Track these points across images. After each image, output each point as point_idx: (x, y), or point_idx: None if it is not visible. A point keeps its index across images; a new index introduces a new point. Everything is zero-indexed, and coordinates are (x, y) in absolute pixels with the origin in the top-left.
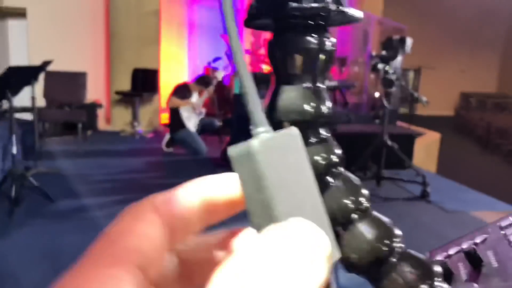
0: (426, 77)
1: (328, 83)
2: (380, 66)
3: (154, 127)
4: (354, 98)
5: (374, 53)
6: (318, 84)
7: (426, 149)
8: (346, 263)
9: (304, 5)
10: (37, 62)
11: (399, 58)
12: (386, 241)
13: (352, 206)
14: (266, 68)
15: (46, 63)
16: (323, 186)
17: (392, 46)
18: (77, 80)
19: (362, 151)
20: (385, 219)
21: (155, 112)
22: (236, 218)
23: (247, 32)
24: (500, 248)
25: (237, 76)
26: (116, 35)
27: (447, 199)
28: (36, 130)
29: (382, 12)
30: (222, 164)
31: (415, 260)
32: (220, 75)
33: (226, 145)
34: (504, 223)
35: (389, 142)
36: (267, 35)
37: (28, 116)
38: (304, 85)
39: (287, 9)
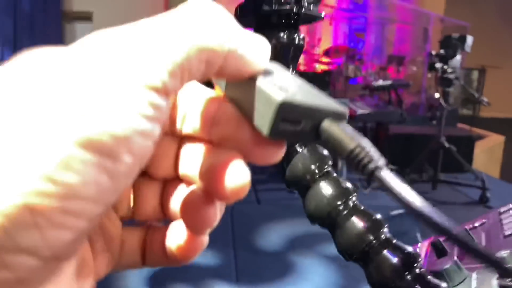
0: (491, 77)
1: (382, 82)
2: (438, 65)
3: None
4: (411, 98)
5: (433, 52)
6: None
7: (489, 152)
8: (309, 217)
9: (273, 8)
10: None
11: (458, 57)
12: (341, 198)
13: (315, 170)
14: (319, 67)
15: None
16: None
17: (451, 45)
18: None
19: (418, 153)
20: (343, 182)
21: None
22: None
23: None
24: (493, 230)
25: None
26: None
27: None
28: None
29: (444, 10)
30: None
31: (365, 214)
32: None
33: None
34: (503, 209)
35: (447, 144)
36: (318, 34)
37: None
38: None
39: (261, 11)
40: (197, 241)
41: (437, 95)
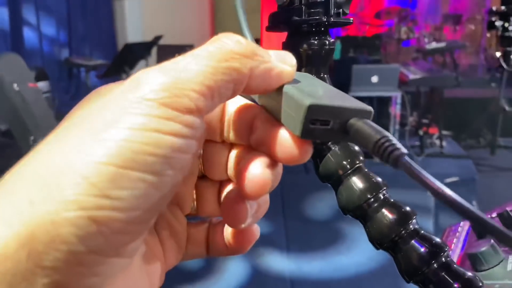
0: None
1: (435, 44)
2: (498, 23)
3: None
4: (468, 59)
5: (494, 8)
6: (322, 74)
7: None
8: (342, 209)
9: (303, 18)
10: (150, 37)
11: None
12: (372, 191)
13: (347, 165)
14: (369, 31)
15: (157, 38)
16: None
17: None
18: (185, 52)
19: (475, 118)
20: (374, 176)
21: None
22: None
23: None
24: None
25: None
26: (220, 5)
27: None
28: None
29: None
30: None
31: (395, 206)
32: None
33: None
34: None
35: (507, 107)
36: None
37: None
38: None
39: (291, 21)
40: (247, 233)
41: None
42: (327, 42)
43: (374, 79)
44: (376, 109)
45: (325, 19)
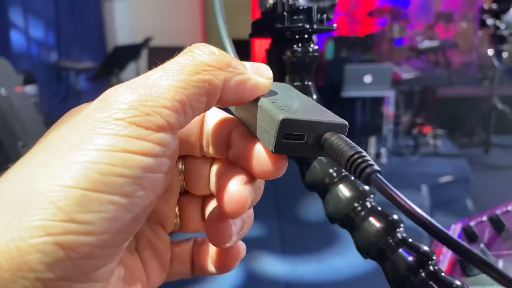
0: None
1: (428, 43)
2: (489, 21)
3: None
4: (461, 58)
5: (485, 6)
6: (306, 82)
7: None
8: (329, 218)
9: (286, 25)
10: (140, 38)
11: None
12: (359, 200)
13: (333, 173)
14: (362, 30)
15: (147, 40)
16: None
17: None
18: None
19: (468, 116)
20: (361, 185)
21: None
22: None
23: None
24: None
25: (330, 41)
26: (211, 5)
27: None
28: None
29: None
30: None
31: (382, 215)
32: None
33: None
34: None
35: (500, 106)
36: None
37: None
38: (295, 83)
39: (274, 28)
40: (233, 251)
41: (490, 52)
42: (310, 49)
43: (367, 78)
44: (369, 109)
45: (308, 26)
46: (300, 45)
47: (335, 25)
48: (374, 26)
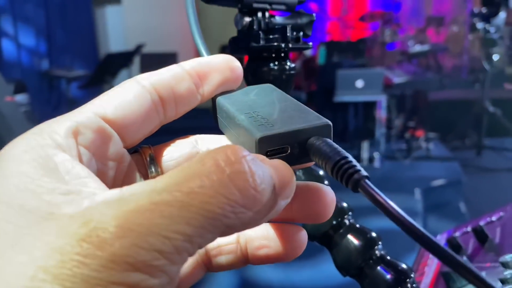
0: None
1: (418, 48)
2: (479, 25)
3: None
4: (452, 61)
5: (475, 10)
6: None
7: None
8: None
9: (261, 44)
10: (132, 45)
11: (502, 15)
12: (337, 217)
13: None
14: (354, 35)
15: (139, 47)
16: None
17: (493, 2)
18: (169, 60)
19: (460, 119)
20: (339, 202)
21: None
22: None
23: None
24: (508, 225)
25: (322, 46)
26: (203, 12)
27: None
28: None
29: None
30: None
31: (361, 232)
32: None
33: None
34: None
35: (491, 108)
36: None
37: None
38: None
39: (249, 47)
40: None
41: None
42: (287, 67)
43: (359, 83)
44: (362, 113)
45: (283, 45)
46: (276, 63)
47: (310, 43)
48: (365, 31)
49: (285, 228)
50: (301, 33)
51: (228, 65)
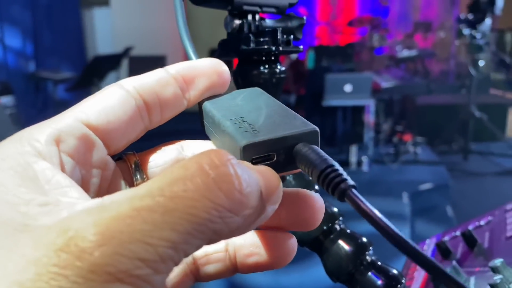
0: None
1: (406, 53)
2: (465, 31)
3: None
4: (439, 66)
5: (461, 16)
6: None
7: None
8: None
9: (251, 47)
10: (121, 47)
11: (488, 21)
12: (328, 222)
13: None
14: (343, 40)
15: (127, 50)
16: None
17: (479, 8)
18: (157, 63)
19: (447, 124)
20: (330, 207)
21: None
22: None
23: (323, 2)
24: (497, 230)
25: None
26: (192, 14)
27: None
28: None
29: None
30: None
31: (351, 238)
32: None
33: None
34: (509, 207)
35: (477, 114)
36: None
37: None
38: None
39: (239, 50)
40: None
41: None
42: (277, 70)
43: (348, 88)
44: (350, 117)
45: (274, 48)
46: (266, 66)
47: (301, 46)
48: (354, 36)
49: (275, 235)
50: (292, 36)
51: (215, 69)
